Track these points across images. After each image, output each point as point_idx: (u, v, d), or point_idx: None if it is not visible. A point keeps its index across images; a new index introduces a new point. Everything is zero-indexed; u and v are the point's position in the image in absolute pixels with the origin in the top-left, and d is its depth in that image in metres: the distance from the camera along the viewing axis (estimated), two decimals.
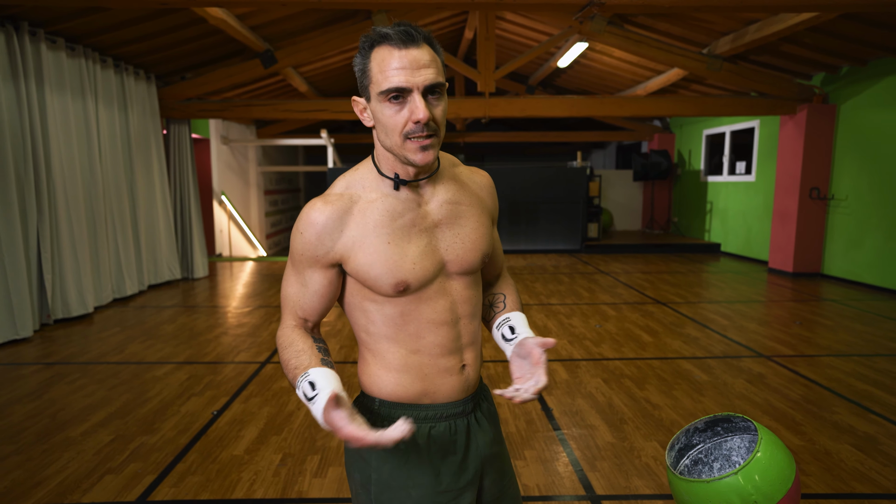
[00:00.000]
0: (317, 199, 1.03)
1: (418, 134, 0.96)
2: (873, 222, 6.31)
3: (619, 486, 2.33)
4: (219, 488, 2.31)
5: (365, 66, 0.98)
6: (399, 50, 0.94)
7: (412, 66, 0.94)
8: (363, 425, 0.86)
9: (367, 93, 1.00)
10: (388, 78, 0.94)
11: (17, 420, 2.93)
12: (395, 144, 0.99)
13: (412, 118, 0.95)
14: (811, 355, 4.02)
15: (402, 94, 0.95)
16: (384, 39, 0.96)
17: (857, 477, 2.37)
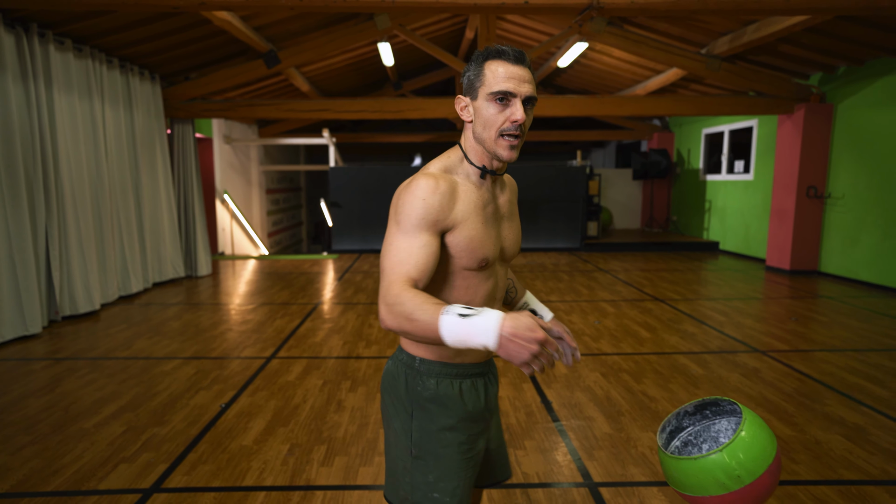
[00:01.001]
0: (426, 174, 1.16)
1: (511, 132, 1.17)
2: (870, 220, 6.39)
3: (616, 473, 2.42)
4: (229, 476, 2.39)
5: (479, 71, 1.19)
6: (512, 65, 1.17)
7: (519, 80, 1.17)
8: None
9: (475, 93, 1.20)
10: (500, 83, 1.16)
11: (32, 412, 3.02)
12: (489, 138, 1.19)
13: (511, 118, 1.16)
14: (805, 350, 4.10)
15: (507, 98, 1.17)
16: (500, 55, 1.18)
17: (844, 465, 2.45)
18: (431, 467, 1.21)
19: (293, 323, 4.92)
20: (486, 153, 1.21)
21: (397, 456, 1.26)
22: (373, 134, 12.54)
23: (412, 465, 1.22)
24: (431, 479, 1.20)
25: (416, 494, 1.22)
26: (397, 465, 1.26)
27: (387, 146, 15.70)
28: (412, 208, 1.12)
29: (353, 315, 5.21)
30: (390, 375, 1.30)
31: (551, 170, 9.67)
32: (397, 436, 1.26)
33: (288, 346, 4.23)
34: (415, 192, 1.13)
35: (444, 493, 1.20)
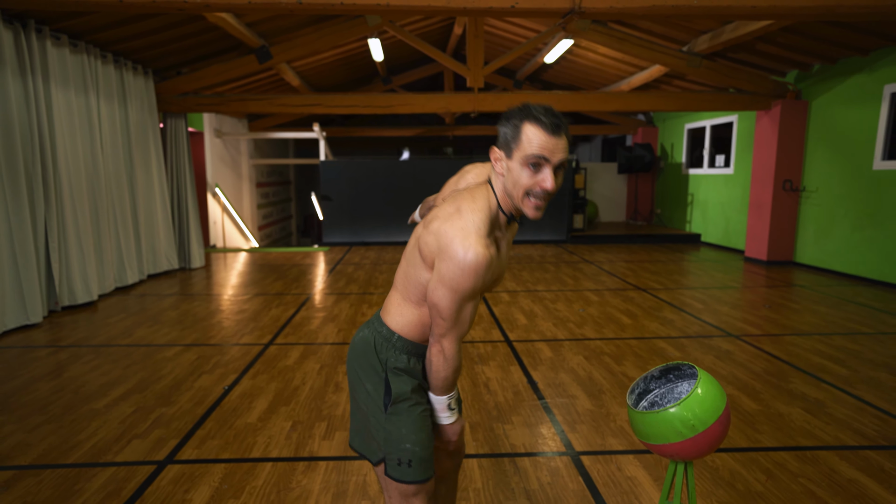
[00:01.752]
0: (478, 243, 1.25)
1: (540, 197, 1.29)
2: (840, 213, 6.68)
3: (596, 444, 2.62)
4: (237, 449, 2.57)
5: (516, 133, 1.27)
6: (547, 136, 1.25)
7: (553, 149, 1.26)
8: None
9: (510, 152, 1.29)
10: (535, 150, 1.25)
11: (43, 395, 3.16)
12: (517, 196, 1.30)
13: (541, 184, 1.27)
14: (776, 334, 4.35)
15: (540, 164, 1.26)
16: (538, 122, 1.25)
17: (802, 433, 2.69)
18: (404, 422, 1.37)
19: (288, 312, 5.08)
20: (511, 206, 1.35)
21: (369, 413, 1.41)
22: (362, 128, 12.66)
23: (386, 421, 1.38)
24: (404, 432, 1.37)
25: (390, 446, 1.37)
26: (369, 422, 1.41)
27: (375, 140, 15.80)
28: (471, 283, 1.26)
29: (346, 304, 5.37)
30: (364, 343, 1.44)
31: None
32: (369, 395, 1.40)
33: (285, 334, 4.39)
34: (474, 269, 1.24)
35: (414, 444, 1.36)
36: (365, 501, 2.17)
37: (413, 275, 1.38)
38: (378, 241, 9.79)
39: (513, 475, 2.36)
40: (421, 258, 1.34)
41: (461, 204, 1.31)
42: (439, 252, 1.27)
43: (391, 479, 1.35)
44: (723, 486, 2.26)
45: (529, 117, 1.25)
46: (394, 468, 1.34)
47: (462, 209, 1.29)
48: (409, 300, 1.41)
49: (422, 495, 1.37)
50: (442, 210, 1.33)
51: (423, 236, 1.33)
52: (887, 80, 5.98)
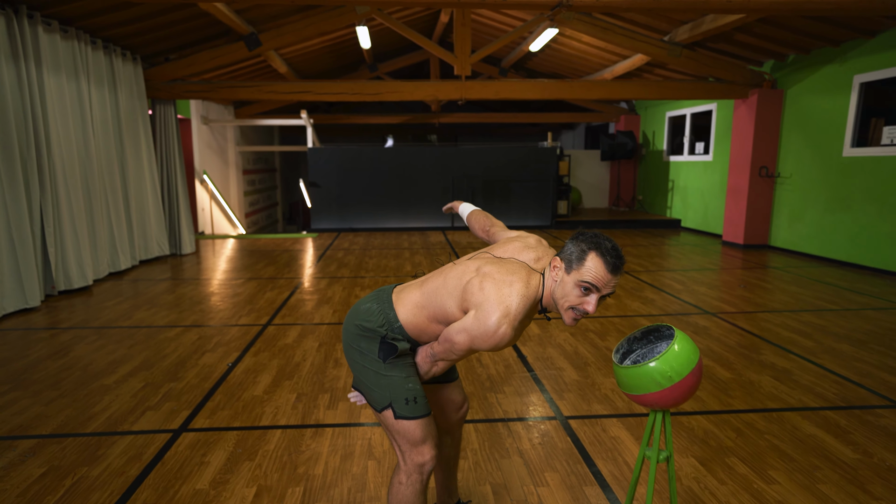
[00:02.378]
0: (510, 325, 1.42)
1: (579, 314, 1.46)
2: (812, 198, 6.98)
3: (582, 409, 2.83)
4: (247, 419, 2.72)
5: (582, 257, 1.43)
6: (606, 272, 1.41)
7: (605, 284, 1.42)
8: None
9: (570, 270, 1.45)
10: (590, 280, 1.41)
11: (53, 372, 3.27)
12: (562, 306, 1.47)
13: (584, 306, 1.44)
14: (749, 312, 4.61)
15: (590, 291, 1.43)
16: (603, 258, 1.41)
17: (770, 398, 2.93)
18: (403, 369, 1.55)
19: (283, 295, 5.21)
20: (553, 308, 1.50)
21: (365, 369, 1.57)
22: (348, 115, 12.69)
23: (386, 370, 1.54)
24: (405, 376, 1.55)
25: (395, 389, 1.53)
26: (368, 373, 1.56)
27: (360, 127, 15.83)
28: (488, 346, 1.43)
29: (339, 287, 5.52)
30: (368, 312, 1.59)
31: (523, 151, 10.06)
32: (363, 353, 1.56)
33: (282, 315, 4.54)
34: (497, 341, 1.42)
35: (414, 384, 1.55)
36: (371, 461, 2.35)
37: (443, 300, 1.53)
38: (366, 228, 9.91)
39: (506, 437, 2.56)
40: (460, 298, 1.50)
41: (516, 281, 1.46)
42: (478, 308, 1.44)
43: (402, 419, 1.51)
44: (697, 444, 2.48)
45: (598, 249, 1.42)
46: (402, 407, 1.51)
47: (514, 286, 1.45)
48: (425, 311, 1.56)
49: (429, 441, 1.55)
50: (499, 272, 1.48)
51: (473, 284, 1.47)
52: (857, 70, 6.25)
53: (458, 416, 1.83)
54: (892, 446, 2.44)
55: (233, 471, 2.26)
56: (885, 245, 5.97)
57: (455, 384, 1.81)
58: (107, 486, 2.14)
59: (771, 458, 2.35)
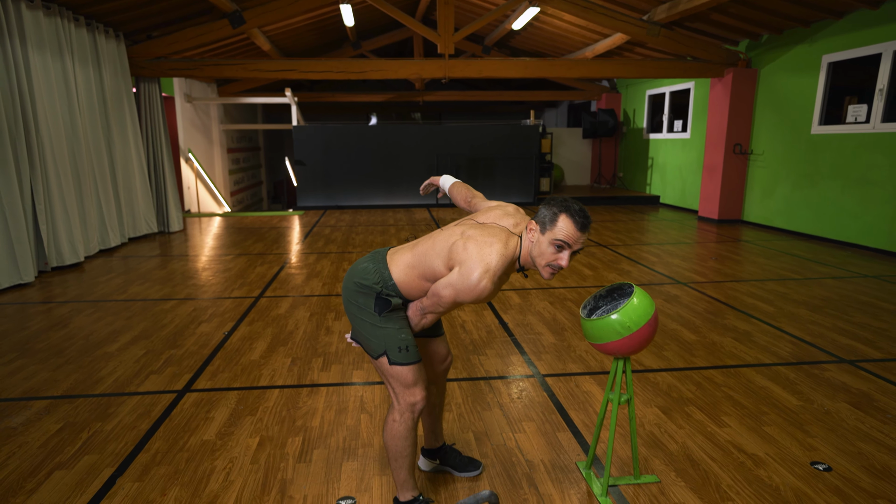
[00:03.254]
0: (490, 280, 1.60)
1: (555, 269, 1.65)
2: (783, 174, 7.26)
3: (558, 368, 3.07)
4: (246, 380, 2.92)
5: (554, 219, 1.62)
6: (576, 230, 1.61)
7: (576, 240, 1.62)
8: None
9: (544, 230, 1.64)
10: (562, 238, 1.61)
11: (56, 342, 3.42)
12: (539, 264, 1.66)
13: (559, 261, 1.63)
14: (718, 281, 4.88)
15: (563, 248, 1.62)
16: (573, 217, 1.61)
17: (731, 357, 3.19)
18: (395, 321, 1.74)
19: (273, 269, 5.37)
20: (532, 265, 1.68)
21: (363, 321, 1.75)
22: (332, 93, 12.68)
23: (381, 322, 1.73)
24: (398, 327, 1.74)
25: (389, 339, 1.72)
26: (366, 325, 1.75)
27: (344, 105, 15.79)
28: (471, 298, 1.63)
29: (327, 262, 5.69)
30: (365, 270, 1.77)
31: (506, 129, 10.20)
32: (361, 308, 1.74)
33: (273, 288, 4.71)
34: (479, 293, 1.60)
35: (406, 335, 1.74)
36: (364, 414, 2.56)
37: (432, 262, 1.72)
38: (352, 205, 10.03)
39: (488, 393, 2.78)
40: (447, 257, 1.68)
41: (496, 242, 1.66)
42: (461, 265, 1.63)
43: (396, 365, 1.71)
44: (661, 396, 2.73)
45: (568, 211, 1.62)
46: (396, 355, 1.70)
47: (494, 246, 1.65)
48: (416, 270, 1.75)
49: (420, 384, 1.75)
50: (481, 234, 1.68)
51: (458, 245, 1.66)
52: (825, 50, 6.48)
53: (443, 367, 2.04)
54: (831, 394, 2.71)
55: (236, 424, 2.46)
56: (848, 219, 6.29)
57: (441, 339, 2.02)
58: (121, 438, 2.33)
59: (725, 407, 2.61)
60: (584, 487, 2.02)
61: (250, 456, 2.21)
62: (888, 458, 2.17)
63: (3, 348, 3.32)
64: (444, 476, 2.10)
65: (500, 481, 2.05)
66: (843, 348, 3.31)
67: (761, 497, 1.95)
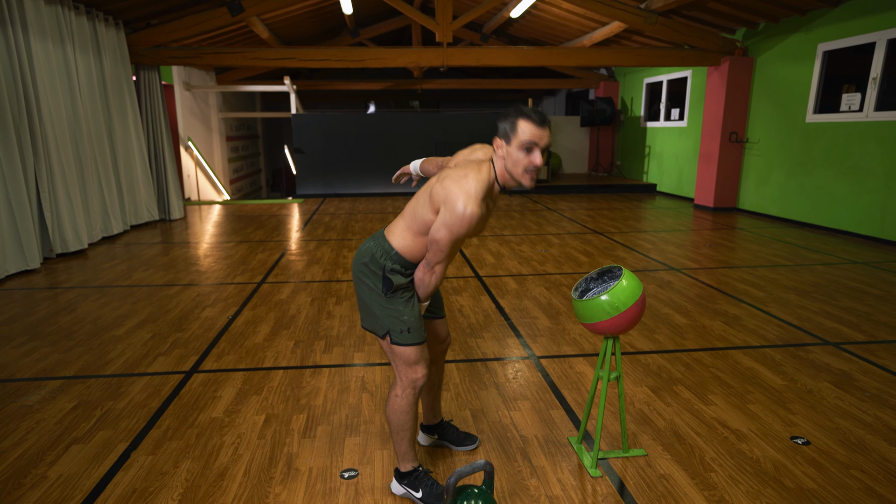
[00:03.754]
0: (474, 204, 1.66)
1: (532, 171, 1.71)
2: (777, 162, 7.34)
3: (553, 350, 3.18)
4: (251, 361, 3.02)
5: (514, 127, 1.68)
6: (536, 127, 1.67)
7: (540, 136, 1.68)
8: None
9: (509, 140, 1.70)
10: (528, 138, 1.67)
11: (65, 326, 3.52)
12: (517, 173, 1.71)
13: (533, 162, 1.68)
14: (711, 268, 4.99)
15: (533, 148, 1.68)
16: (529, 118, 1.67)
17: (718, 339, 3.30)
18: (399, 303, 1.82)
19: (274, 256, 5.46)
20: (512, 180, 1.75)
21: (372, 301, 1.84)
22: (330, 81, 12.68)
23: (387, 303, 1.82)
24: (401, 309, 1.82)
25: (391, 320, 1.81)
26: (373, 306, 1.84)
27: (342, 93, 15.79)
28: (465, 229, 1.69)
29: (327, 249, 5.78)
30: (369, 251, 1.85)
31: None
32: (371, 289, 1.84)
33: (274, 274, 4.80)
34: (469, 220, 1.66)
35: (409, 317, 1.81)
36: (365, 394, 2.66)
37: (420, 213, 1.79)
38: (351, 193, 10.10)
39: (485, 373, 2.89)
40: (430, 203, 1.76)
41: (469, 172, 1.73)
42: (445, 203, 1.70)
43: (397, 345, 1.81)
44: (651, 376, 2.84)
45: (522, 115, 1.68)
46: (397, 336, 1.80)
47: (469, 176, 1.72)
48: (410, 230, 1.83)
49: (422, 362, 1.85)
50: (454, 172, 1.75)
51: (436, 188, 1.74)
52: (821, 39, 6.53)
53: (442, 347, 2.13)
54: (814, 374, 2.82)
55: (243, 403, 2.56)
56: (840, 206, 6.38)
57: (442, 321, 2.11)
58: (133, 415, 2.43)
59: (712, 386, 2.71)
60: (575, 460, 2.13)
61: (257, 432, 2.31)
62: (864, 433, 2.28)
63: (15, 331, 3.42)
64: (443, 450, 2.21)
65: (496, 455, 2.16)
66: (829, 331, 3.42)
67: (742, 468, 2.06)
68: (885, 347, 3.17)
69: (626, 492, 1.94)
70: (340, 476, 2.03)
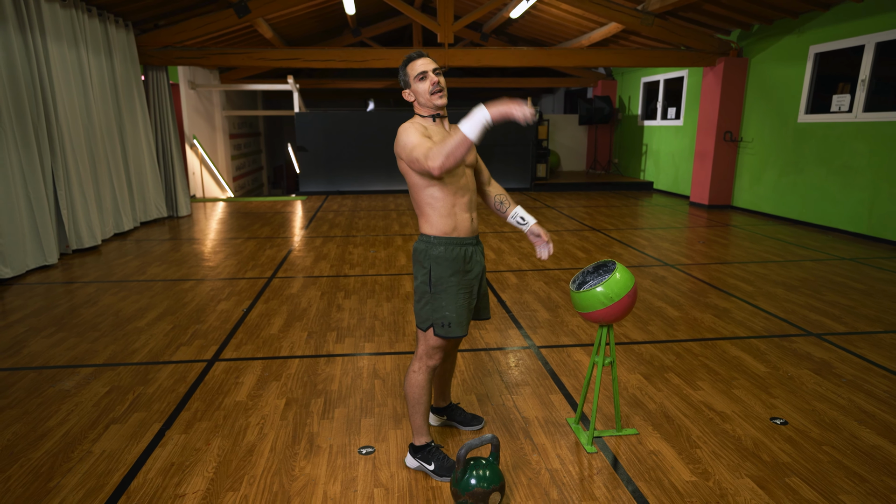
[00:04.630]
0: (412, 128, 1.91)
1: (436, 90, 1.95)
2: (770, 161, 7.54)
3: (552, 340, 3.37)
4: (268, 351, 3.21)
5: (405, 71, 1.99)
6: (419, 59, 1.95)
7: (426, 64, 1.96)
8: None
9: (409, 82, 1.95)
10: (417, 70, 1.94)
11: (88, 318, 3.70)
12: (427, 100, 1.95)
13: (432, 82, 1.94)
14: (704, 263, 5.18)
15: (425, 75, 1.93)
16: (411, 59, 1.98)
17: (708, 330, 3.50)
18: (441, 297, 2.00)
19: (282, 252, 5.64)
20: (430, 108, 1.98)
21: (420, 295, 2.03)
22: (332, 80, 12.84)
23: (430, 298, 2.01)
24: (443, 304, 2.00)
25: (435, 314, 2.00)
26: (422, 301, 2.03)
27: (343, 91, 15.94)
28: (414, 133, 1.91)
29: (333, 245, 5.96)
30: (417, 250, 2.05)
31: None
32: (419, 282, 2.03)
33: (283, 269, 4.98)
34: (410, 129, 1.93)
35: (451, 311, 2.00)
36: (377, 380, 2.86)
37: (413, 194, 2.01)
38: (353, 190, 10.27)
39: (488, 362, 3.08)
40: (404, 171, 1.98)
41: (406, 125, 1.97)
42: (399, 143, 1.93)
43: (437, 337, 2.00)
44: (644, 364, 3.04)
45: (406, 62, 1.99)
46: (439, 328, 1.99)
47: (404, 126, 1.96)
48: (422, 214, 2.02)
49: (441, 353, 2.04)
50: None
51: (396, 150, 1.97)
52: (813, 41, 6.72)
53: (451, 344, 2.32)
54: (795, 362, 3.02)
55: (264, 388, 2.75)
56: (831, 204, 6.58)
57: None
58: (163, 398, 2.62)
59: (700, 373, 2.91)
60: (573, 438, 2.32)
61: (279, 414, 2.50)
62: (837, 414, 2.48)
63: (42, 323, 3.60)
64: (451, 430, 2.40)
65: (500, 434, 2.36)
66: (812, 323, 3.62)
67: (724, 445, 2.26)
68: (863, 338, 3.37)
69: (619, 465, 2.14)
70: (359, 452, 2.22)
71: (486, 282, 2.20)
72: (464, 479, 1.83)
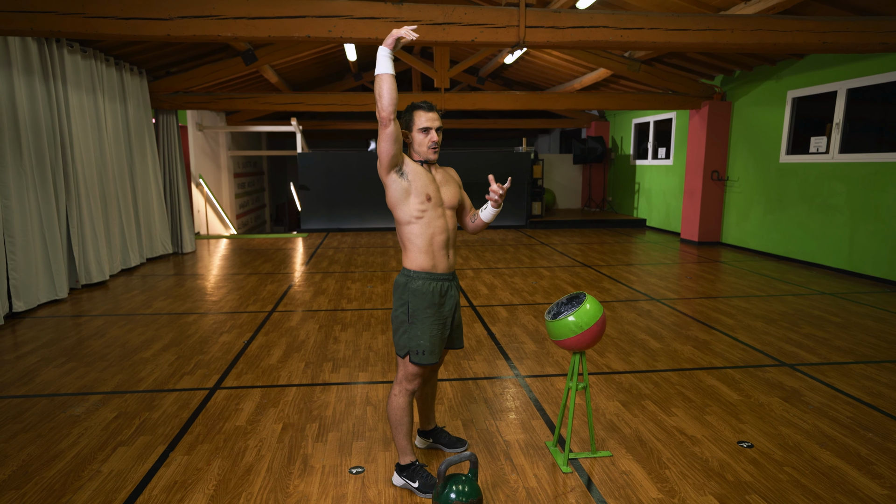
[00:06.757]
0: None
1: (432, 147, 2.17)
2: (756, 199, 7.81)
3: (537, 370, 3.54)
4: (267, 380, 3.38)
5: (410, 118, 2.17)
6: (426, 113, 2.15)
7: (432, 119, 2.17)
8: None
9: (411, 128, 2.17)
10: (423, 123, 2.16)
11: (97, 349, 3.89)
12: (422, 151, 2.18)
13: (431, 139, 2.16)
14: (689, 298, 5.37)
15: (428, 131, 2.15)
16: (420, 107, 2.16)
17: (689, 362, 3.67)
18: (417, 327, 2.19)
19: (282, 287, 5.85)
20: (422, 157, 2.19)
21: (398, 324, 2.22)
22: (334, 121, 13.30)
23: (408, 327, 2.20)
24: (418, 333, 2.20)
25: (411, 342, 2.19)
26: (399, 330, 2.22)
27: (344, 132, 16.44)
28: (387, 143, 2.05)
29: (332, 281, 6.17)
30: (397, 283, 2.24)
31: (499, 155, 10.79)
32: (398, 312, 2.22)
33: (284, 303, 5.18)
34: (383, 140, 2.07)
35: (425, 340, 2.19)
36: (369, 406, 3.02)
37: (398, 230, 2.21)
38: (353, 228, 10.55)
39: (475, 390, 3.25)
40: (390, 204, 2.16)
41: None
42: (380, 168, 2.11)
43: (412, 363, 2.18)
44: (622, 392, 3.20)
45: (416, 108, 2.16)
46: (414, 356, 2.18)
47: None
48: (404, 248, 2.23)
49: (419, 379, 2.22)
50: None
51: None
52: (790, 87, 7.08)
53: (436, 366, 2.51)
54: (767, 390, 3.19)
55: (262, 414, 2.92)
56: (813, 241, 6.81)
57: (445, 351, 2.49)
58: (168, 423, 2.79)
59: (676, 401, 3.08)
60: (550, 460, 2.48)
61: (276, 437, 2.67)
62: (800, 438, 2.64)
63: (54, 353, 3.79)
64: (437, 451, 2.56)
65: (482, 455, 2.52)
66: (787, 354, 3.79)
67: (692, 466, 2.41)
68: (834, 368, 3.54)
69: (592, 484, 2.29)
70: (349, 472, 2.38)
71: (459, 314, 2.39)
72: (444, 494, 1.99)
